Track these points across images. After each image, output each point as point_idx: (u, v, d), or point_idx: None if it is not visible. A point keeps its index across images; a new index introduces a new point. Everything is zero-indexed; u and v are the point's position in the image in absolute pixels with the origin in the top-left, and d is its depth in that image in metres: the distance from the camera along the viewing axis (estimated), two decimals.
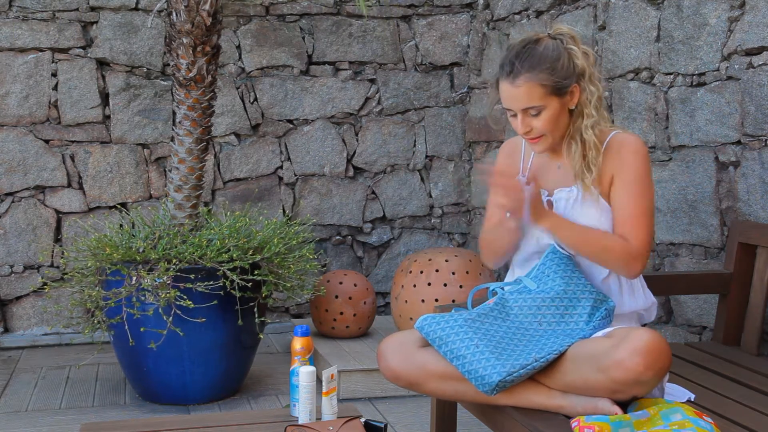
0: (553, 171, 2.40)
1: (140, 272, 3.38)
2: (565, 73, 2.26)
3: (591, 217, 2.30)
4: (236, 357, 3.66)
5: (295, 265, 3.60)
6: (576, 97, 2.30)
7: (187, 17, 3.64)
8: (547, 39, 2.30)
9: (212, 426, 2.39)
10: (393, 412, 3.54)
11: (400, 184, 4.96)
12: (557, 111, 2.28)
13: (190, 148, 3.77)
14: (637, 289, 2.39)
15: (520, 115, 2.29)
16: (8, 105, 4.47)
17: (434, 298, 3.84)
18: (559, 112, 2.29)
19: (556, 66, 2.25)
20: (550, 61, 2.25)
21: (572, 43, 2.30)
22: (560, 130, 2.32)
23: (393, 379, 2.35)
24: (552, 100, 2.27)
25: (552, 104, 2.27)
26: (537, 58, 2.25)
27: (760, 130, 2.92)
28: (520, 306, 2.29)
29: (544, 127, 2.29)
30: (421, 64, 4.95)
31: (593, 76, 2.32)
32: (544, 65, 2.25)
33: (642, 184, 2.29)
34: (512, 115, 2.32)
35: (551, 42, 2.29)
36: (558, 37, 2.31)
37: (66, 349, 4.46)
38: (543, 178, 2.41)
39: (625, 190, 2.29)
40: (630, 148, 2.31)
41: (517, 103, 2.27)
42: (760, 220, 2.94)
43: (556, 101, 2.27)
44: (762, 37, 2.90)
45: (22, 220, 4.51)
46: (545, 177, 2.42)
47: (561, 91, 2.27)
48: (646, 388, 2.07)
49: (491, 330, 2.26)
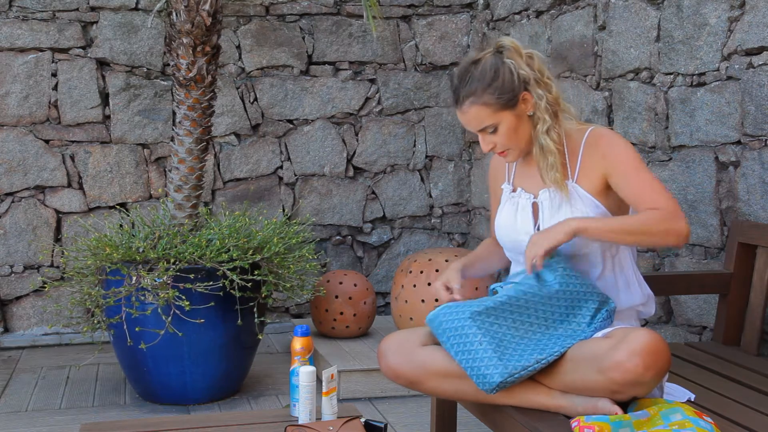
0: (534, 173, 2.42)
1: (140, 272, 3.38)
2: (507, 87, 2.28)
3: (576, 214, 2.31)
4: (236, 357, 3.66)
5: (295, 265, 3.60)
6: (530, 104, 2.31)
7: (187, 17, 3.64)
8: (486, 57, 2.32)
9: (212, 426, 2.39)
10: (393, 412, 3.54)
11: (400, 184, 4.96)
12: (513, 123, 2.31)
13: (190, 148, 3.77)
14: (632, 282, 2.39)
15: (480, 136, 2.35)
16: (8, 105, 4.47)
17: (434, 298, 3.84)
18: (517, 124, 2.31)
19: (496, 83, 2.27)
20: (489, 81, 2.27)
21: (512, 55, 2.31)
22: (524, 138, 2.34)
23: (393, 377, 2.35)
24: (503, 115, 2.29)
25: (505, 119, 2.30)
26: (475, 80, 2.28)
27: (760, 130, 2.92)
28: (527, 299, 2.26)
29: (504, 141, 2.33)
30: (421, 64, 4.95)
31: (541, 80, 2.32)
32: (484, 86, 2.27)
33: (637, 165, 2.28)
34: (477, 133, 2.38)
35: (490, 59, 2.31)
36: (500, 50, 2.32)
37: (66, 349, 4.46)
38: (526, 183, 2.44)
39: (627, 179, 2.28)
40: (607, 141, 2.31)
41: (472, 126, 2.34)
42: (760, 220, 2.94)
43: (508, 115, 2.30)
44: (762, 37, 2.90)
45: (22, 220, 4.51)
46: (528, 181, 2.44)
47: (510, 105, 2.29)
48: (646, 388, 2.07)
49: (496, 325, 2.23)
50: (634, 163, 2.29)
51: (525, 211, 2.40)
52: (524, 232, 2.37)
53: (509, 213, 2.43)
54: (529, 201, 2.39)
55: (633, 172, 2.28)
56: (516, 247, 2.41)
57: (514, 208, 2.43)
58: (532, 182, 2.42)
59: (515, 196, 2.44)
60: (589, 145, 2.33)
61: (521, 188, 2.44)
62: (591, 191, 2.32)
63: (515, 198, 2.44)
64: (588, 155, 2.33)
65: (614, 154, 2.29)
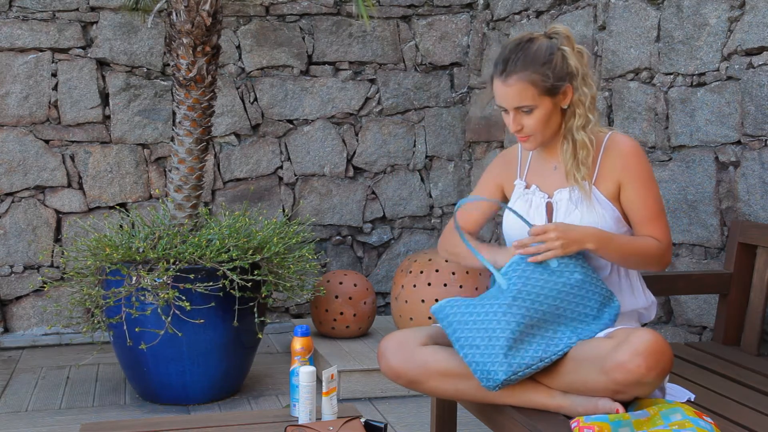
0: (550, 172, 2.41)
1: (140, 272, 3.38)
2: (558, 74, 2.26)
3: (592, 217, 2.30)
4: (236, 357, 3.66)
5: (294, 265, 3.60)
6: (569, 98, 2.30)
7: (187, 17, 3.64)
8: (541, 38, 2.30)
9: (212, 426, 2.39)
10: (393, 412, 3.54)
11: (400, 184, 4.96)
12: (549, 111, 2.29)
13: (190, 148, 3.77)
14: (637, 288, 2.40)
15: (512, 114, 2.29)
16: (8, 105, 4.47)
17: (434, 298, 3.84)
18: (551, 112, 2.29)
19: (549, 66, 2.25)
20: (542, 62, 2.25)
21: (567, 44, 2.29)
22: (551, 129, 2.32)
23: (393, 377, 2.35)
24: (544, 100, 2.27)
25: (544, 104, 2.27)
26: (530, 57, 2.25)
27: (760, 130, 2.92)
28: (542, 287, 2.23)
29: (535, 126, 2.29)
30: (421, 64, 4.95)
31: (587, 77, 2.31)
32: (537, 65, 2.24)
33: (650, 183, 2.32)
34: (504, 112, 2.33)
35: (545, 41, 2.29)
36: (553, 36, 2.31)
37: (66, 349, 4.46)
38: (541, 181, 2.42)
39: (638, 193, 2.30)
40: (630, 151, 2.32)
41: (509, 102, 2.28)
42: (760, 220, 2.94)
43: (548, 101, 2.27)
44: (762, 37, 2.90)
45: (22, 220, 4.51)
46: (543, 179, 2.42)
47: (553, 92, 2.27)
48: (648, 389, 2.07)
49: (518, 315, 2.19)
50: (649, 183, 2.31)
51: (539, 210, 2.38)
52: None
53: (521, 210, 2.40)
54: (544, 200, 2.38)
55: (646, 193, 2.31)
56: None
57: (527, 205, 2.40)
58: (547, 180, 2.40)
59: (529, 193, 2.42)
60: (609, 150, 2.33)
61: (536, 185, 2.42)
62: (607, 196, 2.32)
63: (529, 195, 2.41)
64: (608, 160, 2.32)
65: (633, 169, 2.30)
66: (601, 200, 2.32)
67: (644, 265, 2.33)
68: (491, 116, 4.69)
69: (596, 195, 2.32)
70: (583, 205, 2.31)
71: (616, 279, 2.36)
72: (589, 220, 2.30)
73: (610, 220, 2.31)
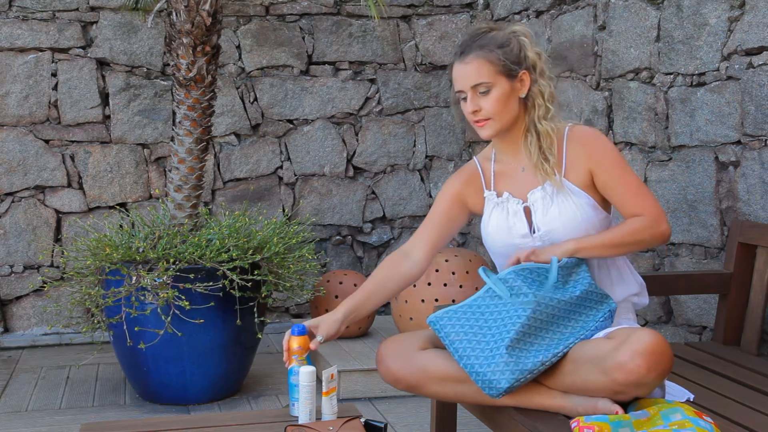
0: (519, 175, 2.40)
1: (140, 272, 3.38)
2: (514, 57, 2.31)
3: (569, 207, 2.30)
4: (236, 357, 3.66)
5: (294, 265, 3.60)
6: (526, 86, 2.33)
7: (187, 17, 3.64)
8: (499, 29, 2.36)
9: (212, 426, 2.39)
10: (393, 412, 3.54)
11: (400, 184, 4.96)
12: (506, 92, 2.31)
13: (190, 148, 3.77)
14: (626, 273, 2.40)
15: (470, 94, 2.32)
16: (8, 105, 4.47)
17: (434, 298, 3.84)
18: (509, 95, 2.32)
19: (506, 49, 2.31)
20: (499, 44, 2.31)
21: (525, 38, 2.36)
22: (509, 114, 2.33)
23: (393, 382, 2.34)
24: (501, 79, 2.30)
25: (501, 84, 2.30)
26: (487, 39, 2.32)
27: (760, 130, 2.92)
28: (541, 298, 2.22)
29: (492, 108, 2.30)
30: (421, 64, 4.95)
31: (544, 73, 2.35)
32: (493, 46, 2.31)
33: (620, 163, 2.32)
34: (463, 99, 2.35)
35: (504, 32, 2.35)
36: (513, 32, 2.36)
37: (66, 349, 4.46)
38: (511, 186, 2.41)
39: (610, 175, 2.31)
40: (592, 138, 2.34)
41: (467, 81, 2.31)
42: (760, 220, 2.94)
43: (505, 82, 2.31)
44: (762, 37, 2.90)
45: (22, 220, 4.51)
46: (512, 184, 2.41)
47: (510, 74, 2.31)
48: (648, 389, 2.07)
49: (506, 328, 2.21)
50: (621, 164, 2.32)
51: (518, 215, 2.37)
52: (519, 235, 2.36)
53: (500, 218, 2.39)
54: (520, 205, 2.37)
55: (620, 173, 2.31)
56: (508, 252, 2.38)
57: (504, 213, 2.39)
58: (517, 184, 2.40)
59: (503, 201, 2.41)
60: (572, 141, 2.34)
61: (507, 192, 2.41)
62: (579, 185, 2.32)
63: (504, 203, 2.40)
64: (572, 150, 2.33)
65: (600, 154, 2.31)
66: (574, 190, 2.32)
67: (644, 246, 2.33)
68: None
69: (568, 186, 2.32)
70: (558, 197, 2.32)
71: (605, 272, 2.38)
72: (566, 211, 2.31)
73: (587, 207, 2.32)
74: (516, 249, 2.35)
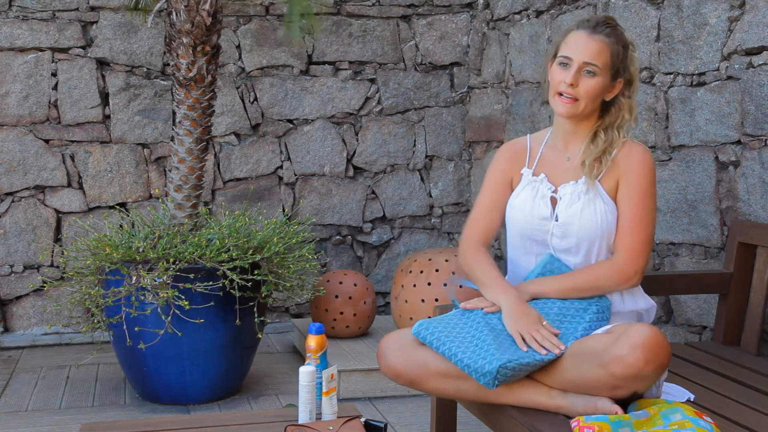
0: (562, 163, 2.44)
1: (140, 272, 3.38)
2: (623, 64, 2.37)
3: (594, 211, 2.33)
4: (236, 357, 3.65)
5: (294, 264, 3.60)
6: (615, 92, 2.38)
7: (187, 17, 3.64)
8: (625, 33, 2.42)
9: (212, 426, 2.39)
10: (393, 412, 3.54)
11: (400, 184, 4.96)
12: (604, 86, 2.35)
13: (190, 148, 3.77)
14: (637, 291, 2.42)
15: (575, 67, 2.33)
16: (8, 105, 4.47)
17: (434, 298, 3.84)
18: (603, 90, 2.36)
19: (625, 52, 2.37)
20: (623, 43, 2.37)
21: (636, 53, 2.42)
22: (592, 106, 2.36)
23: (393, 377, 2.35)
24: (607, 73, 2.34)
25: (605, 76, 2.34)
26: (619, 33, 2.38)
27: (760, 130, 2.92)
28: None
29: (587, 92, 2.33)
30: (421, 64, 4.95)
31: (634, 92, 2.41)
32: (620, 44, 2.36)
33: (644, 193, 2.34)
34: (565, 65, 2.35)
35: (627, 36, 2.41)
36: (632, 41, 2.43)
37: (66, 348, 4.46)
38: (550, 171, 2.44)
39: (627, 197, 2.35)
40: (639, 156, 2.36)
41: (585, 53, 2.33)
42: (760, 220, 2.94)
43: (608, 77, 2.35)
44: (762, 37, 2.90)
45: (22, 220, 4.51)
46: (552, 169, 2.44)
47: (615, 73, 2.36)
48: (646, 383, 2.07)
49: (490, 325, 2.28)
50: (643, 192, 2.34)
51: (544, 199, 2.41)
52: (540, 217, 2.40)
53: (527, 197, 2.43)
54: (550, 191, 2.41)
55: (636, 199, 2.34)
56: (527, 230, 2.42)
57: (533, 192, 2.43)
58: (556, 171, 2.43)
59: (536, 181, 2.44)
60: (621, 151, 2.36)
61: (544, 174, 2.44)
62: (609, 192, 2.36)
63: (536, 183, 2.44)
64: (617, 160, 2.36)
65: (633, 173, 2.34)
66: (604, 196, 2.36)
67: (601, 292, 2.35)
68: (491, 116, 4.69)
69: (600, 190, 2.35)
70: (586, 196, 2.35)
71: None
72: (588, 212, 2.34)
73: (609, 216, 2.35)
74: (535, 230, 2.39)
